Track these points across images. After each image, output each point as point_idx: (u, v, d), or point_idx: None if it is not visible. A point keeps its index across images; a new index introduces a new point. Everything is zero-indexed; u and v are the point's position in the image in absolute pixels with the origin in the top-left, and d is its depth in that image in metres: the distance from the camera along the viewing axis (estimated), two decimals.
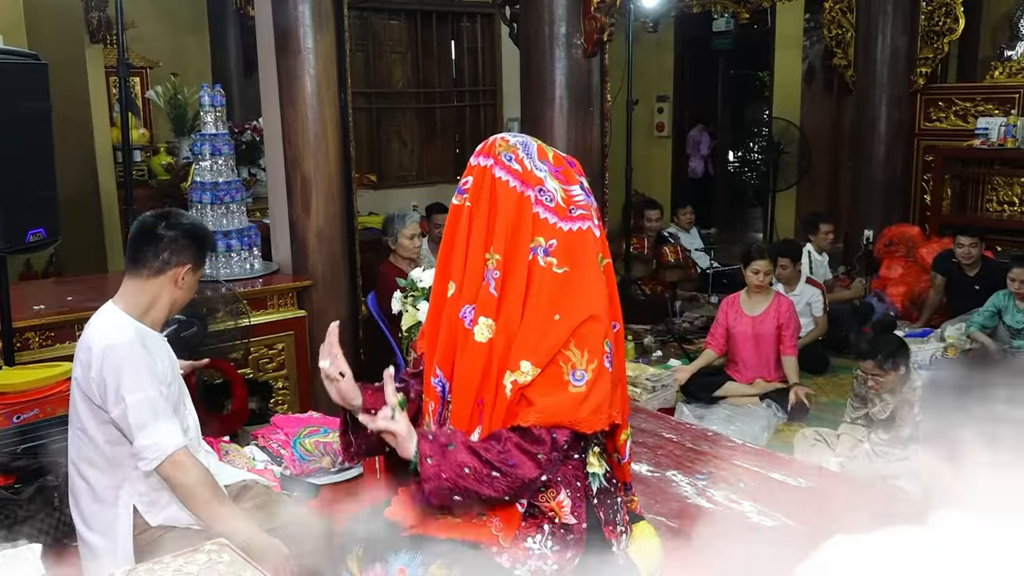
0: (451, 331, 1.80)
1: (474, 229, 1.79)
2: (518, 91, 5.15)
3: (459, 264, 1.80)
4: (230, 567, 1.78)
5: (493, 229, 1.77)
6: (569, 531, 1.79)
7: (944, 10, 6.88)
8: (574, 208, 1.79)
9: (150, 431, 2.12)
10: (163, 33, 7.96)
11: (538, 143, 1.85)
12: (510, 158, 1.80)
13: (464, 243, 1.80)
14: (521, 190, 1.77)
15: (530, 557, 1.77)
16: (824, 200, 8.18)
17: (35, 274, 6.13)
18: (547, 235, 1.76)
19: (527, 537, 1.78)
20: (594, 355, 1.71)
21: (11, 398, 2.94)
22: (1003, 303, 5.03)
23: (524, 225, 1.76)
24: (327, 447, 3.02)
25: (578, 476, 1.82)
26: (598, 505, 1.84)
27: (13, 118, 2.77)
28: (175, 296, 2.30)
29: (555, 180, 1.80)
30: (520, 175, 1.78)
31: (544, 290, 1.74)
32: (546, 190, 1.78)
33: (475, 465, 1.68)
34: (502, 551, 1.77)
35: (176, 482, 2.15)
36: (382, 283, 4.40)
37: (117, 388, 2.12)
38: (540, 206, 1.77)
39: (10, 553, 1.95)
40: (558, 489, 1.80)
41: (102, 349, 2.15)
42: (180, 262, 2.27)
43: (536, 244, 1.76)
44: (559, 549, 1.78)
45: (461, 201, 1.84)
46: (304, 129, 4.29)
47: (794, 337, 4.68)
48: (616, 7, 4.64)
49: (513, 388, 1.71)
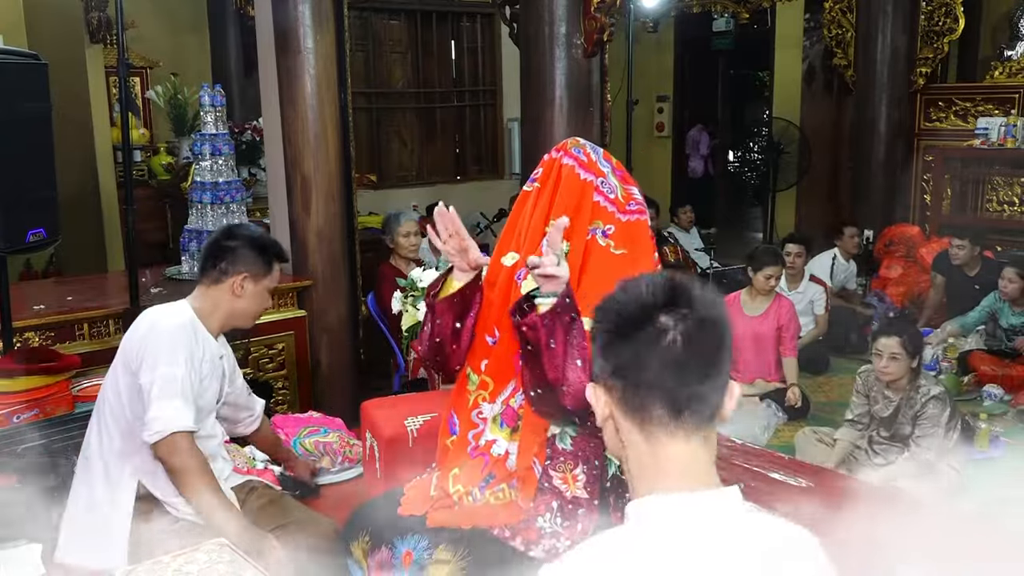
0: (505, 291, 1.91)
1: (539, 206, 1.92)
2: (518, 91, 5.15)
3: (521, 237, 1.92)
4: (230, 567, 1.78)
5: (553, 205, 1.89)
6: (579, 505, 1.82)
7: (944, 10, 6.88)
8: (632, 203, 1.92)
9: (164, 405, 2.18)
10: (163, 33, 7.95)
11: (604, 150, 2.00)
12: (578, 151, 1.94)
13: (528, 218, 1.93)
14: (584, 176, 1.90)
15: (543, 537, 1.80)
16: (824, 200, 8.17)
17: (35, 274, 6.13)
18: (605, 220, 1.88)
19: (536, 517, 1.81)
20: None
21: (11, 398, 2.94)
22: (997, 305, 5.03)
23: (584, 206, 1.88)
24: (327, 447, 3.02)
25: (597, 455, 1.86)
26: (611, 490, 1.87)
27: (13, 118, 2.76)
28: (234, 305, 2.38)
29: (616, 178, 1.94)
30: (585, 164, 1.92)
31: (602, 265, 1.85)
32: (607, 182, 1.92)
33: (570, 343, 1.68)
34: (515, 534, 1.79)
35: (170, 463, 2.19)
36: (381, 283, 4.40)
37: (156, 357, 2.21)
38: (600, 195, 1.89)
39: (10, 553, 1.95)
40: (576, 462, 1.83)
41: (155, 319, 2.30)
42: (236, 271, 2.37)
43: (595, 226, 1.88)
44: (569, 524, 1.81)
45: (531, 188, 1.98)
46: (304, 129, 4.29)
47: (794, 339, 4.67)
48: (616, 7, 4.63)
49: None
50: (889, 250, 6.54)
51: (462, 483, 1.89)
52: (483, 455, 1.89)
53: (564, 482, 1.82)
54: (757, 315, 4.66)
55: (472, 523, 1.83)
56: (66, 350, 3.42)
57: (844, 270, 6.11)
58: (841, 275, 6.08)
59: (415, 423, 2.60)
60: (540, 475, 1.83)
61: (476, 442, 1.91)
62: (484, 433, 1.90)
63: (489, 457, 1.88)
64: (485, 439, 1.90)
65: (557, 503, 1.81)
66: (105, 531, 2.26)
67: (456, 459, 1.93)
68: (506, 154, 7.96)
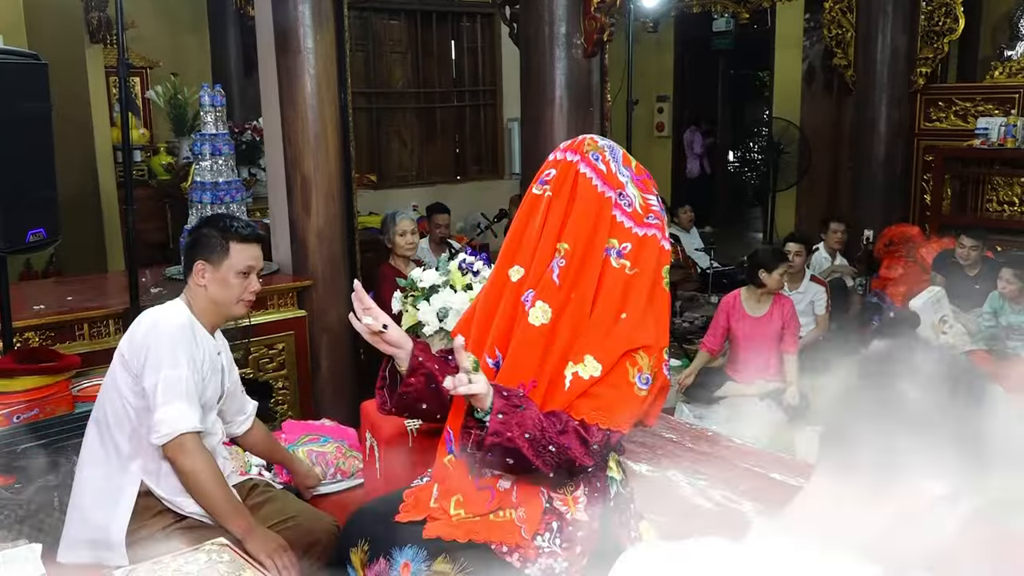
0: (510, 313, 1.83)
1: (550, 218, 1.82)
2: (518, 91, 5.15)
3: (529, 250, 1.84)
4: (230, 567, 1.78)
5: (568, 221, 1.80)
6: (579, 527, 1.81)
7: (944, 10, 6.88)
8: (651, 216, 1.83)
9: (171, 408, 2.19)
10: (163, 33, 7.96)
11: (624, 151, 1.89)
12: (597, 158, 1.83)
13: (539, 231, 1.83)
14: (603, 190, 1.81)
15: (540, 555, 1.78)
16: (824, 200, 8.17)
17: (35, 274, 6.12)
18: (622, 238, 1.80)
19: (535, 535, 1.79)
20: (658, 362, 1.77)
21: (11, 398, 2.94)
22: (998, 304, 5.03)
23: (602, 225, 1.80)
24: (320, 457, 3.02)
25: (598, 476, 1.84)
26: (615, 508, 1.85)
27: (13, 118, 2.76)
28: (206, 295, 2.37)
29: (635, 187, 1.84)
30: (604, 176, 1.82)
31: (616, 290, 1.78)
32: (626, 195, 1.82)
33: (536, 433, 1.69)
34: (512, 550, 1.78)
35: (179, 465, 2.21)
36: (381, 284, 4.40)
37: (159, 359, 2.21)
38: (619, 210, 1.81)
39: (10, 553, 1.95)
40: (577, 484, 1.82)
41: (154, 321, 2.29)
42: (194, 260, 2.37)
43: (610, 246, 1.80)
44: (568, 546, 1.79)
45: (542, 191, 1.86)
46: (304, 129, 4.29)
47: (795, 335, 4.67)
48: (616, 7, 4.63)
49: (574, 379, 1.75)
50: (889, 250, 6.53)
51: (464, 509, 1.84)
52: (488, 488, 1.83)
53: (565, 504, 1.81)
54: (760, 315, 4.65)
55: (469, 537, 1.81)
56: (66, 350, 3.41)
57: (820, 265, 6.15)
58: (816, 270, 6.11)
59: (415, 423, 2.60)
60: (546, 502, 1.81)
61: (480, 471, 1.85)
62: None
63: (495, 492, 1.83)
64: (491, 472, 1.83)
65: (557, 524, 1.80)
66: (105, 532, 2.26)
67: (459, 485, 1.86)
68: (506, 154, 7.96)
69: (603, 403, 1.72)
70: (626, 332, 1.75)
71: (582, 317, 1.77)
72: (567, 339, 1.77)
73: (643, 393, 1.74)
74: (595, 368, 1.73)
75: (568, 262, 1.78)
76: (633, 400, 1.74)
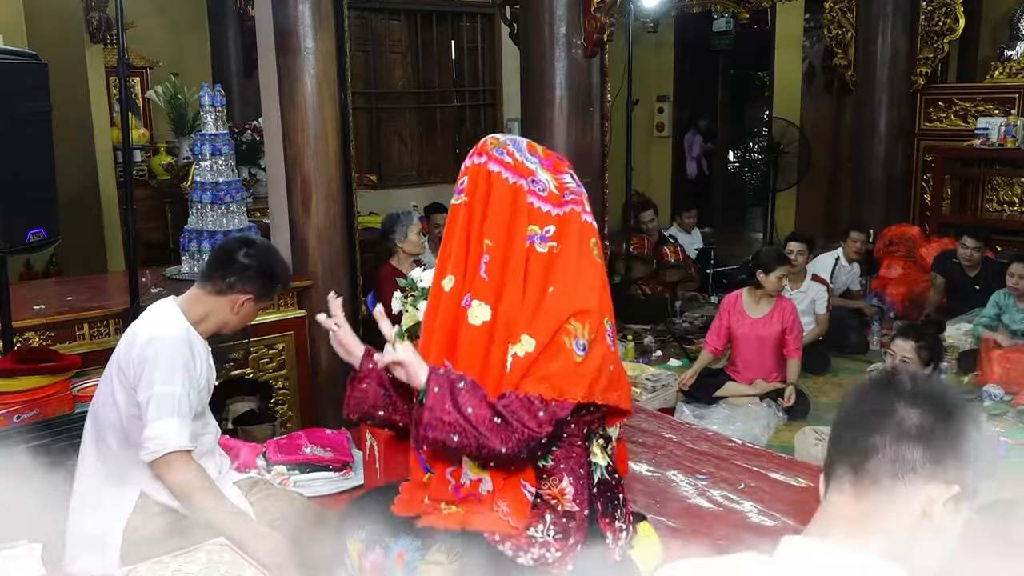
0: (451, 321, 1.85)
1: (472, 222, 1.84)
2: (518, 91, 5.15)
3: (460, 257, 1.85)
4: (230, 567, 1.79)
5: (486, 219, 1.83)
6: (571, 519, 1.82)
7: (944, 10, 6.88)
8: (567, 194, 1.85)
9: (162, 424, 2.17)
10: (163, 33, 7.96)
11: (528, 141, 1.91)
12: (501, 152, 1.85)
13: (464, 236, 1.85)
14: (514, 180, 1.83)
15: (533, 545, 1.79)
16: (824, 200, 8.18)
17: (35, 274, 6.12)
18: (542, 223, 1.82)
19: (530, 526, 1.80)
20: (594, 328, 1.77)
21: (11, 398, 2.94)
22: (1003, 302, 5.02)
23: (519, 213, 1.82)
24: None
25: (581, 464, 1.84)
26: (597, 495, 1.86)
27: (13, 118, 2.76)
28: (228, 319, 2.39)
29: (546, 172, 1.86)
30: (512, 167, 1.84)
31: (539, 269, 1.80)
32: (538, 180, 1.84)
33: (479, 409, 1.70)
34: (505, 539, 1.79)
35: (168, 482, 2.21)
36: (381, 283, 4.40)
37: (152, 375, 2.20)
38: (533, 196, 1.82)
39: (10, 553, 1.95)
40: (561, 476, 1.82)
41: (150, 335, 2.25)
42: (243, 290, 2.36)
43: (532, 232, 1.81)
44: (561, 537, 1.80)
45: (460, 200, 1.88)
46: (304, 129, 4.29)
47: (799, 340, 4.65)
48: (616, 7, 4.64)
49: (513, 360, 1.76)
50: (889, 250, 6.54)
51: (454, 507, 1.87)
52: (472, 495, 1.85)
53: (553, 498, 1.82)
54: (760, 317, 4.65)
55: (463, 526, 1.82)
56: (66, 350, 3.42)
57: (847, 272, 6.09)
58: (844, 277, 6.06)
59: None
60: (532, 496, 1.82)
61: (457, 480, 1.86)
62: (464, 472, 1.85)
63: (478, 495, 1.84)
64: (468, 478, 1.85)
65: (551, 516, 1.81)
66: (103, 535, 2.26)
67: (442, 496, 1.88)
68: None
69: (544, 374, 1.73)
70: (555, 304, 1.76)
71: (516, 305, 1.79)
72: (506, 329, 1.79)
73: (579, 359, 1.73)
74: (529, 344, 1.74)
75: (492, 256, 1.80)
76: (573, 368, 1.74)
